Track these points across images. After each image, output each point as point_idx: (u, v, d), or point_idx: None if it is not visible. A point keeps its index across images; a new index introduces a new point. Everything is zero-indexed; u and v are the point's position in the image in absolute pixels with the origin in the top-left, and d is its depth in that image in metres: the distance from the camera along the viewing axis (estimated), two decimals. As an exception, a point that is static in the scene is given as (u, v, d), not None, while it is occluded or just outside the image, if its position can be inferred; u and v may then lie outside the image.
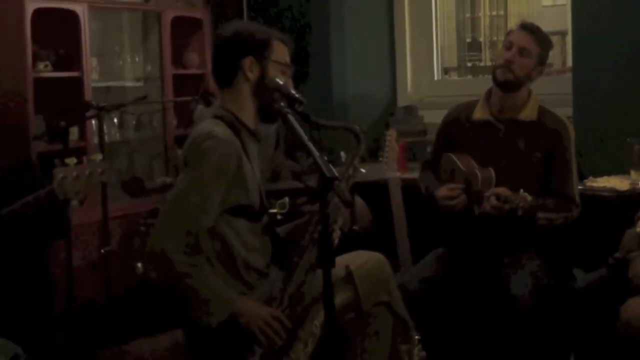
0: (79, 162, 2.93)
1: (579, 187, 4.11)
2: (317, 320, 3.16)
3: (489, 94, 4.06)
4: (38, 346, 3.23)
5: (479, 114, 4.06)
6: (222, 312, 3.08)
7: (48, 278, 4.02)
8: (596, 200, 4.26)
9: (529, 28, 4.00)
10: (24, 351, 3.05)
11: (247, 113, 3.24)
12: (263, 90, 3.18)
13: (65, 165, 2.91)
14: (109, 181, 3.07)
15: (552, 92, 5.02)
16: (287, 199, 3.71)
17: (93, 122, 5.18)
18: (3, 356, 2.94)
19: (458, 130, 4.13)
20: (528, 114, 3.98)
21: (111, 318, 4.36)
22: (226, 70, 3.26)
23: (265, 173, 3.39)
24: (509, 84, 3.93)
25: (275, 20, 5.99)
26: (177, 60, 6.07)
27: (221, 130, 3.15)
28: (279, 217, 3.49)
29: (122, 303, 4.76)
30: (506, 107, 3.99)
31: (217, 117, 3.22)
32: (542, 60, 3.98)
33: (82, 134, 5.31)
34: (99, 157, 3.03)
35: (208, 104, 4.41)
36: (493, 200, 3.68)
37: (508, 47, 3.97)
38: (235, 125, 3.20)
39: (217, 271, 3.16)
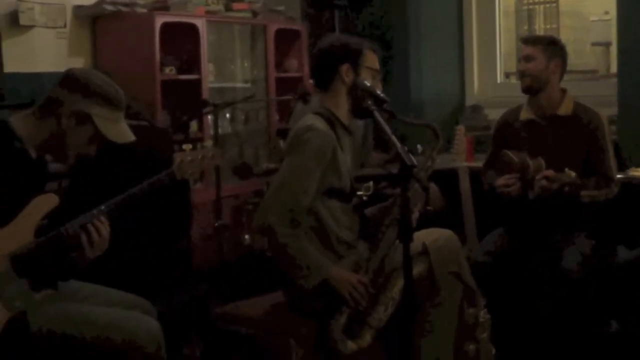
0: (194, 148, 2.98)
1: (622, 175, 4.10)
2: (396, 287, 3.15)
3: (530, 98, 4.08)
4: (163, 303, 3.26)
5: (525, 114, 4.07)
6: (316, 277, 3.09)
7: (179, 247, 4.07)
8: (638, 187, 4.22)
9: (527, 39, 4.10)
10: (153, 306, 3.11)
11: (342, 111, 3.27)
12: (356, 92, 3.20)
13: (182, 151, 2.97)
14: (220, 164, 3.09)
15: (599, 94, 5.08)
16: (371, 183, 3.68)
17: (209, 117, 5.22)
18: (140, 309, 2.99)
19: (509, 131, 4.14)
20: (565, 109, 3.97)
21: (223, 282, 4.40)
22: (326, 75, 3.29)
23: (353, 162, 3.40)
24: (531, 88, 3.99)
25: (362, 32, 6.00)
26: (279, 65, 6.08)
27: (320, 124, 3.18)
28: (364, 198, 3.47)
29: (232, 269, 4.79)
30: (544, 106, 4.00)
31: (317, 113, 3.26)
32: (551, 56, 3.98)
33: (200, 127, 5.36)
34: (209, 143, 3.09)
35: (306, 102, 4.42)
36: (543, 182, 3.68)
37: (519, 61, 4.08)
38: (331, 120, 3.24)
39: (313, 243, 3.18)
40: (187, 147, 2.98)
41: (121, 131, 2.87)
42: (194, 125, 5.33)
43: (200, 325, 3.62)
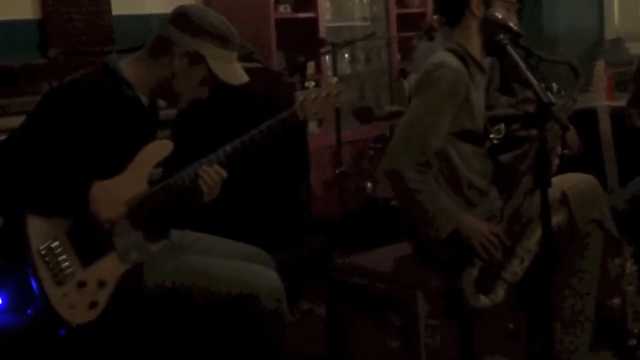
0: (317, 86, 2.92)
1: None
2: (533, 238, 3.06)
3: None
4: (281, 255, 3.26)
5: None
6: (446, 226, 3.03)
7: (296, 196, 4.06)
8: None
9: None
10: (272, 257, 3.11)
11: (474, 46, 3.18)
12: (488, 26, 3.10)
13: (305, 89, 2.91)
14: (346, 101, 3.02)
15: None
16: (502, 125, 3.58)
17: (327, 57, 5.20)
18: (258, 261, 2.99)
19: None
20: None
21: (345, 232, 4.39)
22: (455, 8, 3.20)
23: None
24: None
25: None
26: (400, 1, 6.01)
27: (452, 60, 3.11)
28: (495, 141, 3.38)
29: (354, 219, 4.78)
30: None
31: (448, 49, 3.17)
32: None
33: (318, 68, 5.36)
34: (334, 79, 3.00)
35: (431, 38, 4.34)
36: None
37: None
38: (464, 57, 3.15)
39: (442, 189, 3.12)
40: (309, 84, 2.90)
41: (235, 72, 2.83)
42: (310, 66, 5.31)
43: (321, 278, 3.61)
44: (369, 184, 5.41)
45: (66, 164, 2.62)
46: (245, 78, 2.85)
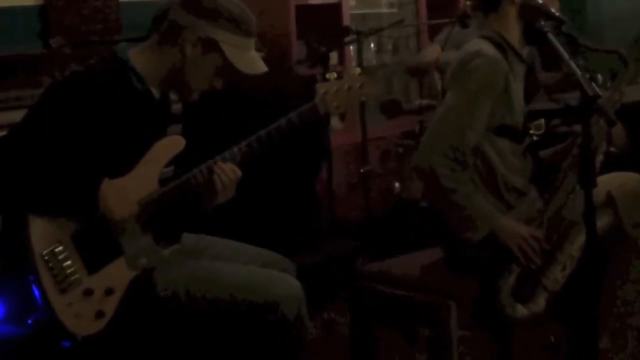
0: (339, 77, 2.92)
1: None
2: (576, 243, 3.05)
3: None
4: (302, 260, 3.27)
5: None
6: (482, 228, 3.03)
7: (314, 197, 4.07)
8: None
9: None
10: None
11: (513, 34, 3.18)
12: (527, 11, 3.09)
13: (326, 80, 2.91)
14: (372, 94, 3.02)
15: None
16: (542, 120, 3.58)
17: (351, 47, 5.19)
18: (277, 267, 2.99)
19: None
20: None
21: (371, 236, 4.39)
22: None
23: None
24: None
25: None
26: (431, -15, 6.00)
27: (489, 49, 3.11)
28: (534, 138, 3.38)
29: (381, 221, 4.77)
30: None
31: (484, 37, 3.17)
32: None
33: (341, 59, 5.36)
34: (357, 70, 2.99)
35: (465, 26, 4.33)
36: None
37: None
38: (502, 45, 3.15)
39: (478, 189, 3.12)
40: (331, 75, 2.90)
41: (252, 61, 2.83)
42: (333, 57, 5.30)
43: (344, 286, 3.61)
44: (397, 184, 5.40)
45: (72, 161, 2.64)
46: (263, 67, 2.85)
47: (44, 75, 3.89)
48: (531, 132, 3.36)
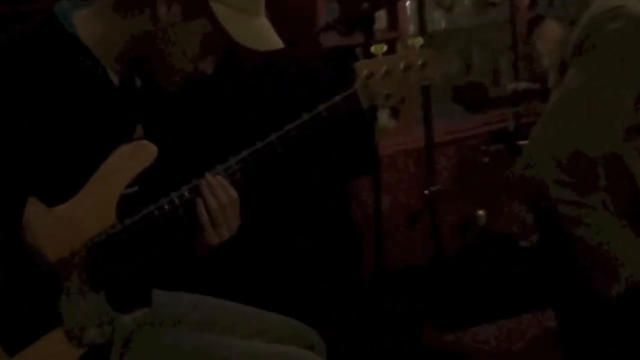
0: (391, 52, 2.91)
1: None
2: None
3: None
4: (339, 328, 3.28)
5: None
6: (627, 277, 3.03)
7: (352, 230, 4.08)
8: None
9: None
10: (321, 336, 3.11)
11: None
12: None
13: (371, 56, 2.89)
14: (437, 78, 3.00)
15: None
16: None
17: (407, 4, 5.22)
18: (299, 342, 3.00)
19: None
20: None
21: (440, 290, 4.41)
22: None
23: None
24: None
25: None
26: None
27: (634, 4, 3.13)
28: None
29: (454, 269, 4.79)
30: None
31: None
32: None
33: (393, 22, 5.38)
34: (419, 41, 2.97)
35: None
36: None
37: None
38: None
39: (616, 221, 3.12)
40: (377, 48, 2.88)
41: (258, 32, 2.81)
42: (381, 19, 5.32)
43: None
44: (480, 212, 5.41)
45: None
46: (275, 42, 2.82)
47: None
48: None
